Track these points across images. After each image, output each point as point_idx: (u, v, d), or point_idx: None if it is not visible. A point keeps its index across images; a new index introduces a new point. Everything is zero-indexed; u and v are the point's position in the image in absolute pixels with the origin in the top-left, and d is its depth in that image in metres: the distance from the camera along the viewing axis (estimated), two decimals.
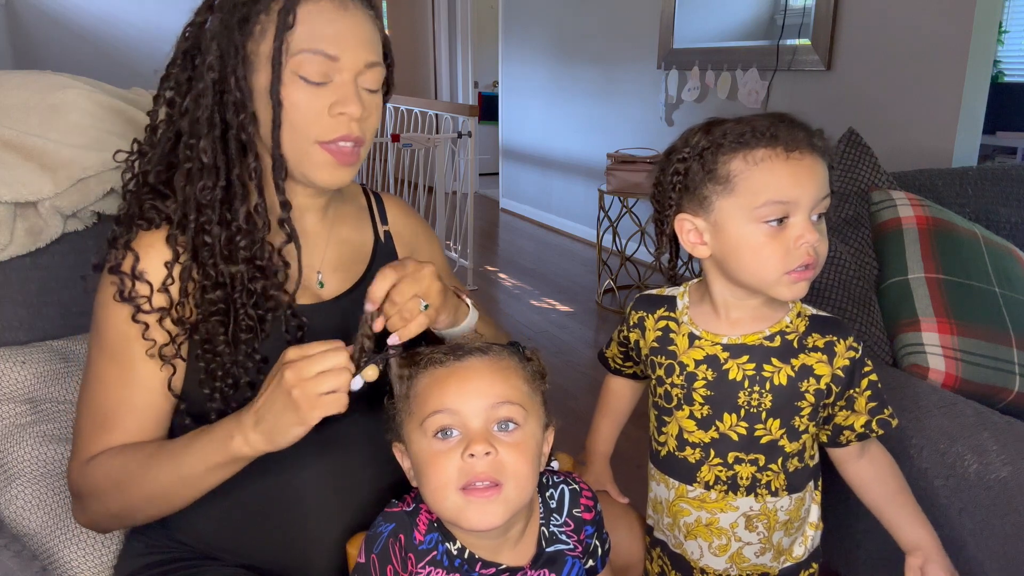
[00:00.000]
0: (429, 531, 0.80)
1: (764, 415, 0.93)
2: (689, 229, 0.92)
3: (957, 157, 2.80)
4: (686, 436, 0.97)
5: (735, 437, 0.94)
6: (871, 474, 1.00)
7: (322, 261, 0.99)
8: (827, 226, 0.91)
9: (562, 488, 0.88)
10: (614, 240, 3.84)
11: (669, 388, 0.98)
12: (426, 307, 0.84)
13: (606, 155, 3.71)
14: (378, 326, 0.82)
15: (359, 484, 0.93)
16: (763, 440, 0.94)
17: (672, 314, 0.99)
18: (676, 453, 0.98)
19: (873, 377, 0.96)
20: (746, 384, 0.93)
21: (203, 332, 0.87)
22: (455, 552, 0.79)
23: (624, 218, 3.78)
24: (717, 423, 0.95)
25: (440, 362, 0.80)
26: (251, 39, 0.85)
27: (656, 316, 1.00)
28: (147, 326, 0.86)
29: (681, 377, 0.96)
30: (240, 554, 0.92)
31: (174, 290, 0.87)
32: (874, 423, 0.96)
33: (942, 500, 1.15)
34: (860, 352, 0.95)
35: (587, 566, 0.88)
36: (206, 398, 0.87)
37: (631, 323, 1.04)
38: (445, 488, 0.75)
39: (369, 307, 0.83)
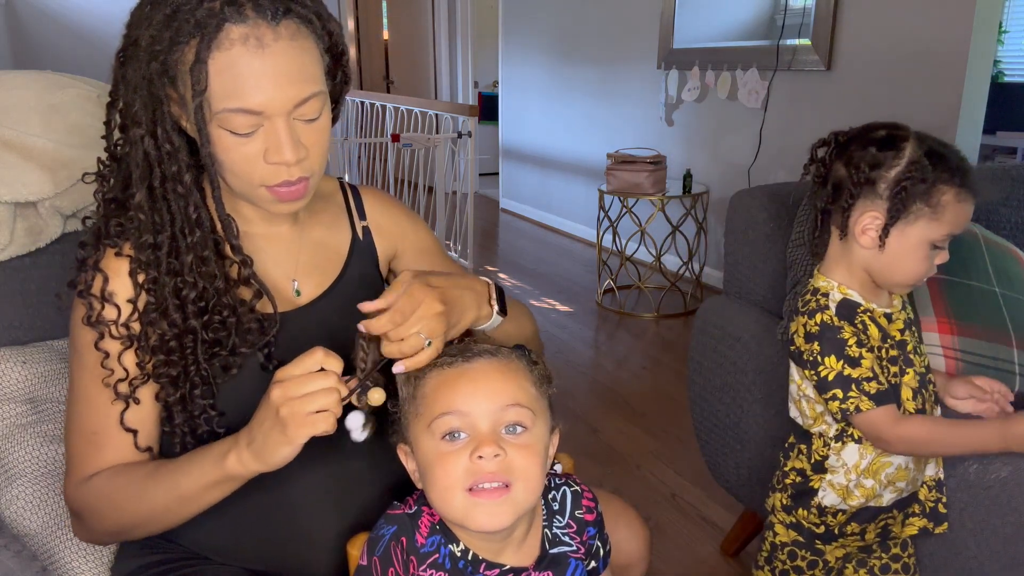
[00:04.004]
0: (431, 533, 0.79)
1: (920, 347, 1.17)
2: (870, 226, 1.05)
3: None
4: (912, 392, 1.11)
5: (924, 371, 1.14)
6: None
7: (296, 267, 0.97)
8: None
9: (564, 490, 0.88)
10: (614, 240, 3.84)
11: (902, 364, 1.11)
12: (429, 343, 0.79)
13: (606, 155, 3.70)
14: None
15: (356, 484, 0.92)
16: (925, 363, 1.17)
17: (861, 307, 1.11)
18: (914, 413, 1.11)
19: None
20: (910, 328, 1.15)
21: (154, 378, 0.86)
22: (459, 554, 0.79)
23: (624, 218, 3.77)
24: (918, 368, 1.13)
25: (448, 363, 0.78)
26: (174, 85, 0.80)
27: (857, 320, 1.10)
28: (107, 354, 0.85)
29: (897, 350, 1.11)
30: (237, 555, 0.92)
31: (135, 326, 0.86)
32: None
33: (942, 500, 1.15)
34: None
35: (589, 567, 0.87)
36: (167, 436, 0.88)
37: (861, 338, 1.08)
38: (452, 489, 0.74)
39: (363, 329, 0.79)
